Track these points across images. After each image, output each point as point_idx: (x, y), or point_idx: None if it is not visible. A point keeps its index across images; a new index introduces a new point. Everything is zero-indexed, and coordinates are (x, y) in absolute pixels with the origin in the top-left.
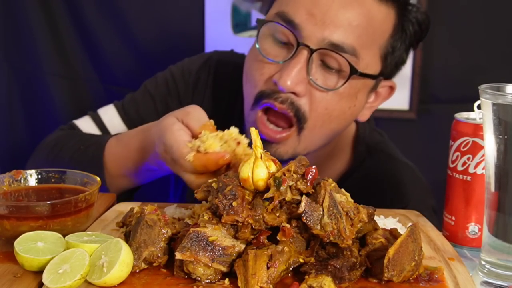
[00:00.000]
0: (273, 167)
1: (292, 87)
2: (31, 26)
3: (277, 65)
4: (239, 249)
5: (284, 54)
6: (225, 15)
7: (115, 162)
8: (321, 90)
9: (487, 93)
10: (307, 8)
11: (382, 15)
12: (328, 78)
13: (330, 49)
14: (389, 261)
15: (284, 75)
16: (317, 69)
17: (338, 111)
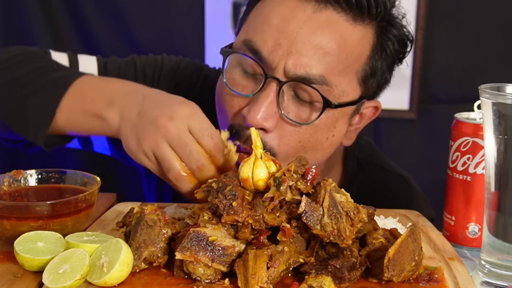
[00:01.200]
0: (273, 167)
1: (261, 123)
2: (31, 26)
3: (246, 98)
4: (239, 249)
5: (253, 85)
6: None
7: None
8: (294, 124)
9: (487, 93)
10: (274, 38)
11: (357, 38)
12: (301, 110)
13: (299, 81)
14: (389, 261)
15: (252, 110)
16: (289, 101)
17: (313, 143)
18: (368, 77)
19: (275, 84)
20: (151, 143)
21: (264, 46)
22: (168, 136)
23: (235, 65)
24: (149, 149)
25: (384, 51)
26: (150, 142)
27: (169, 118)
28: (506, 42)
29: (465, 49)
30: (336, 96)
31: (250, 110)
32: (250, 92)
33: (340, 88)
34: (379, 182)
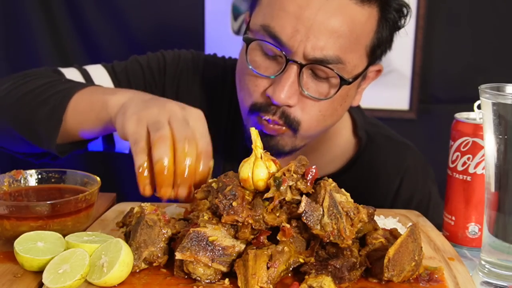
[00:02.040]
0: (273, 167)
1: (286, 100)
2: (31, 26)
3: (269, 78)
4: (239, 249)
5: (274, 67)
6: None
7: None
8: (314, 99)
9: (487, 93)
10: (292, 25)
11: (365, 17)
12: (319, 86)
13: (317, 63)
14: (389, 261)
15: (277, 90)
16: (308, 79)
17: (331, 111)
18: (375, 49)
19: (295, 67)
20: (151, 115)
21: (283, 32)
22: (172, 114)
23: (256, 48)
24: (145, 119)
25: (387, 22)
26: (150, 114)
27: (180, 107)
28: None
29: (465, 49)
30: (349, 71)
31: (275, 90)
32: (272, 73)
33: (352, 63)
34: (386, 150)
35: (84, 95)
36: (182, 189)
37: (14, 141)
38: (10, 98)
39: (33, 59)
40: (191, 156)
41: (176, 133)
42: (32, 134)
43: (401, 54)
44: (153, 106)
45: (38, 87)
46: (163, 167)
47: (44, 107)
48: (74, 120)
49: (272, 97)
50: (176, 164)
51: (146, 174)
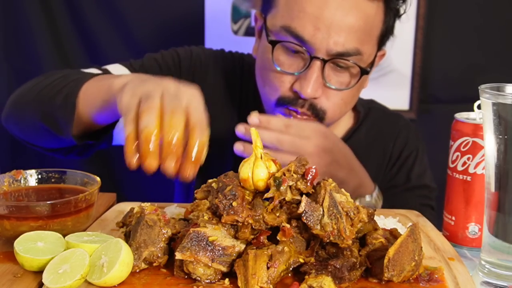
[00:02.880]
0: (273, 167)
1: (313, 94)
2: (31, 26)
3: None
4: (239, 249)
5: (297, 63)
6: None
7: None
8: (337, 90)
9: (487, 93)
10: (313, 24)
11: (374, 10)
12: (340, 77)
13: (338, 57)
14: (389, 261)
15: (304, 86)
16: (330, 72)
17: (351, 97)
18: (383, 36)
19: (319, 62)
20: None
21: (304, 31)
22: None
23: (279, 48)
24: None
25: (391, 10)
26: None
27: (175, 84)
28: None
29: (465, 49)
30: (365, 60)
31: (302, 86)
32: (297, 69)
33: (367, 53)
34: (382, 119)
35: (93, 81)
36: (169, 162)
37: (40, 134)
38: (32, 93)
39: (33, 59)
40: (177, 127)
41: (165, 105)
42: (52, 123)
43: (401, 54)
44: (149, 82)
45: (55, 80)
46: (148, 136)
47: (59, 96)
48: (85, 105)
49: (300, 92)
50: (163, 135)
51: (133, 145)
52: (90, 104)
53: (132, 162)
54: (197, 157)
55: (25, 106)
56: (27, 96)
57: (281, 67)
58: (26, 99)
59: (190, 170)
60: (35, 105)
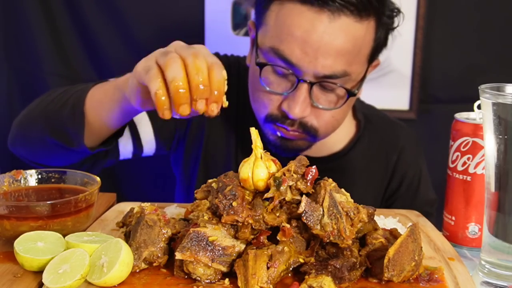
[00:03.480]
0: (273, 167)
1: (301, 114)
2: (31, 26)
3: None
4: (239, 249)
5: (285, 84)
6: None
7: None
8: (325, 109)
9: (487, 93)
10: (300, 48)
11: (364, 31)
12: (329, 97)
13: (325, 80)
14: (389, 261)
15: (292, 106)
16: (317, 93)
17: (342, 114)
18: (374, 53)
19: (306, 85)
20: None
21: (292, 54)
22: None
23: (267, 68)
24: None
25: (382, 27)
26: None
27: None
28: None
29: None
30: (354, 79)
31: (290, 107)
32: (284, 90)
33: (356, 72)
34: (384, 130)
35: (97, 88)
36: (200, 103)
37: (50, 151)
38: (36, 111)
39: (33, 59)
40: (202, 69)
41: (183, 54)
42: (62, 136)
43: (401, 54)
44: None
45: (58, 95)
46: (178, 85)
47: (66, 107)
48: (94, 110)
49: (288, 112)
50: (190, 79)
51: (164, 98)
52: (99, 108)
53: (167, 114)
54: (219, 92)
55: (32, 125)
56: (32, 115)
57: (269, 86)
58: (32, 118)
59: (214, 106)
60: (42, 122)
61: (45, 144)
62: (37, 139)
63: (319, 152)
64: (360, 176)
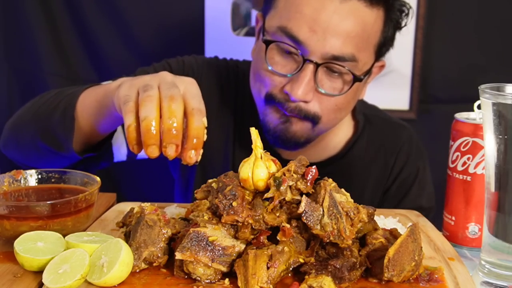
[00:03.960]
0: (273, 167)
1: (303, 97)
2: (31, 26)
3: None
4: (239, 249)
5: (290, 65)
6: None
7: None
8: (329, 95)
9: (487, 93)
10: (309, 26)
11: (373, 18)
12: (333, 82)
13: (333, 62)
14: (389, 261)
15: (295, 88)
16: (322, 76)
17: (345, 103)
18: (381, 47)
19: (311, 66)
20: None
21: (300, 32)
22: (162, 79)
23: (273, 48)
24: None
25: (391, 21)
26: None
27: (172, 75)
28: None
29: (465, 49)
30: (360, 68)
31: (293, 88)
32: (289, 71)
33: (363, 61)
34: (384, 131)
35: (88, 91)
36: (170, 148)
37: (41, 155)
38: (28, 114)
39: (33, 59)
40: (176, 113)
41: (163, 93)
42: (52, 140)
43: (401, 54)
44: (147, 75)
45: (50, 98)
46: (149, 125)
47: (57, 111)
48: (84, 115)
49: (290, 94)
50: (163, 121)
51: (134, 134)
52: (89, 113)
53: (136, 149)
54: (198, 139)
55: (23, 128)
56: (24, 118)
57: (274, 67)
58: (24, 121)
59: (192, 153)
60: (33, 125)
61: (37, 148)
62: (28, 142)
63: (317, 157)
64: (359, 178)
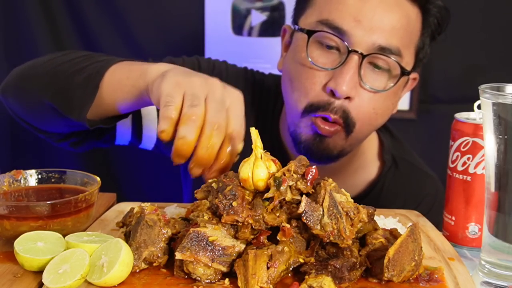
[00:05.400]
0: (273, 167)
1: (348, 92)
2: (31, 26)
3: (326, 72)
4: (239, 249)
5: (332, 60)
6: (225, 15)
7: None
8: (372, 91)
9: (487, 93)
10: (353, 16)
11: (415, 15)
12: (376, 79)
13: (379, 53)
14: (389, 261)
15: (340, 82)
16: (366, 71)
17: (383, 109)
18: (420, 51)
19: (356, 57)
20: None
21: (344, 22)
22: (211, 91)
23: (313, 43)
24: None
25: (429, 27)
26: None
27: (222, 85)
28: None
29: (465, 49)
30: (404, 66)
31: (338, 83)
32: (330, 66)
33: (406, 59)
34: (408, 177)
35: (122, 65)
36: (196, 170)
37: (42, 113)
38: (46, 66)
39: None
40: (215, 147)
41: (209, 116)
42: (64, 101)
43: None
44: (195, 76)
45: (76, 58)
46: (184, 145)
47: (81, 74)
48: (109, 88)
49: (335, 90)
50: (199, 146)
51: (166, 139)
52: (116, 88)
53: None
54: (227, 164)
55: (34, 80)
56: (39, 69)
57: (315, 61)
58: (37, 72)
59: (214, 175)
60: (47, 80)
61: (41, 104)
62: (35, 95)
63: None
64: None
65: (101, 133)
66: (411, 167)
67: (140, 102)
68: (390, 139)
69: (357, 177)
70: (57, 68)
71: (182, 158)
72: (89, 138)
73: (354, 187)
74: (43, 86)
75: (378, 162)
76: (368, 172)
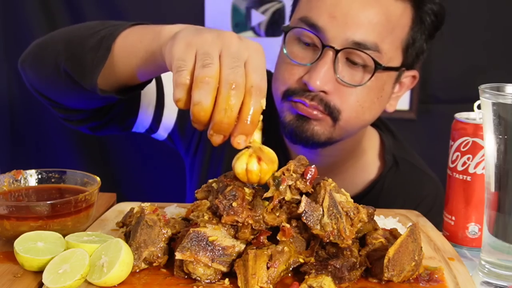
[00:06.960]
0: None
1: (321, 86)
2: (31, 26)
3: (305, 67)
4: (239, 249)
5: (310, 56)
6: (225, 15)
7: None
8: (349, 86)
9: (487, 93)
10: (328, 12)
11: (399, 11)
12: (354, 74)
13: (353, 48)
14: (389, 261)
15: (313, 76)
16: (343, 67)
17: (369, 102)
18: (409, 47)
19: (331, 52)
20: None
21: (319, 18)
22: (225, 46)
23: (293, 40)
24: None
25: (422, 23)
26: (202, 40)
27: (238, 38)
28: (506, 42)
29: (465, 49)
30: (384, 62)
31: (311, 77)
32: (308, 62)
33: (388, 55)
34: (409, 178)
35: (135, 29)
36: (217, 137)
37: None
38: (63, 33)
39: None
40: (234, 108)
41: (224, 74)
42: (77, 65)
43: None
44: (207, 33)
45: (90, 24)
46: (200, 111)
47: (94, 38)
48: (122, 52)
49: (308, 83)
50: (215, 111)
51: (183, 107)
52: (129, 51)
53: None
54: (252, 123)
55: (50, 46)
56: (55, 37)
57: (293, 57)
58: (54, 40)
59: (242, 139)
60: (63, 45)
61: (56, 71)
62: (50, 62)
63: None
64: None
65: (123, 119)
66: (411, 167)
67: (156, 68)
68: (392, 140)
69: (357, 177)
70: (73, 33)
71: (202, 125)
72: (111, 123)
73: (354, 187)
74: (59, 52)
75: (379, 162)
76: (369, 172)
